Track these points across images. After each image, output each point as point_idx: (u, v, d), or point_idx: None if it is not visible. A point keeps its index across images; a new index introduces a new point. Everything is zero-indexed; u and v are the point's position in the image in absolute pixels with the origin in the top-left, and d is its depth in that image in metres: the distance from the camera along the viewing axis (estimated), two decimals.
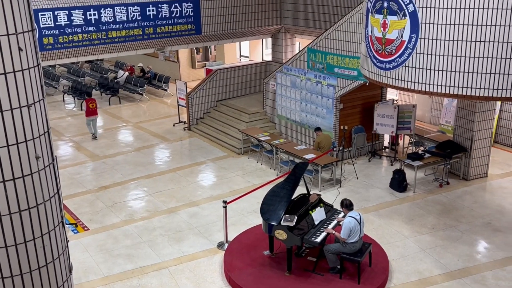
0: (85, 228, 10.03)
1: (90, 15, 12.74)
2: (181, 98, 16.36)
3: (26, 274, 4.50)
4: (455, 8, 7.82)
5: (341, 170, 12.06)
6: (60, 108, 19.15)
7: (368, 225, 9.64)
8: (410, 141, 13.50)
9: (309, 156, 11.53)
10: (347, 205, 7.99)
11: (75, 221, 10.25)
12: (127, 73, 21.35)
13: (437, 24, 8.06)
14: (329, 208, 8.83)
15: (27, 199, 4.36)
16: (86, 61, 24.74)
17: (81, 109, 18.64)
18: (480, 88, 8.03)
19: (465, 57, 7.98)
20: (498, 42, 7.70)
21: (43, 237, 4.55)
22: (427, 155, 11.52)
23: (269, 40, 17.74)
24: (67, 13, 12.37)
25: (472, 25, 7.77)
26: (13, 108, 4.15)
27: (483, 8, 7.64)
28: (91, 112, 15.29)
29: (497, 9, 7.56)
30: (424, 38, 8.25)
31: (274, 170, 12.65)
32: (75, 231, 9.91)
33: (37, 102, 4.38)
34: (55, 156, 4.74)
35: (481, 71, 7.93)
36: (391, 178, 11.45)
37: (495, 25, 7.64)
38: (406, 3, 8.31)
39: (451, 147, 11.67)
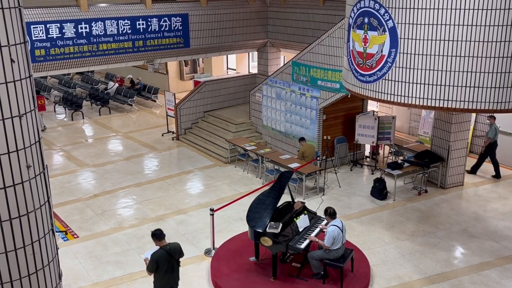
0: (75, 236, 10.04)
1: (81, 28, 12.78)
2: (169, 108, 16.35)
3: (16, 281, 4.47)
4: (432, 24, 8.04)
5: (324, 178, 12.15)
6: (51, 118, 19.06)
7: (350, 231, 9.74)
8: (390, 151, 13.64)
9: (293, 165, 11.61)
10: (331, 214, 8.02)
11: (65, 229, 10.26)
12: (117, 84, 21.31)
13: (415, 39, 8.25)
14: (312, 216, 8.88)
15: (18, 207, 4.34)
16: (77, 73, 24.68)
17: (72, 119, 18.83)
18: (456, 101, 8.23)
19: (441, 71, 8.17)
20: (473, 56, 7.92)
21: (33, 245, 4.54)
22: (406, 164, 11.67)
23: (255, 53, 17.81)
24: (59, 26, 12.41)
25: (448, 40, 7.99)
26: (5, 118, 4.16)
27: (458, 25, 7.88)
28: (39, 108, 16.28)
29: (471, 25, 7.80)
30: (403, 53, 8.43)
31: (260, 178, 12.71)
32: (65, 239, 9.92)
33: (29, 112, 4.38)
34: (46, 165, 4.76)
35: (457, 84, 8.12)
36: (372, 186, 11.57)
37: (469, 41, 7.87)
38: (385, 19, 8.52)
39: (429, 157, 11.82)
